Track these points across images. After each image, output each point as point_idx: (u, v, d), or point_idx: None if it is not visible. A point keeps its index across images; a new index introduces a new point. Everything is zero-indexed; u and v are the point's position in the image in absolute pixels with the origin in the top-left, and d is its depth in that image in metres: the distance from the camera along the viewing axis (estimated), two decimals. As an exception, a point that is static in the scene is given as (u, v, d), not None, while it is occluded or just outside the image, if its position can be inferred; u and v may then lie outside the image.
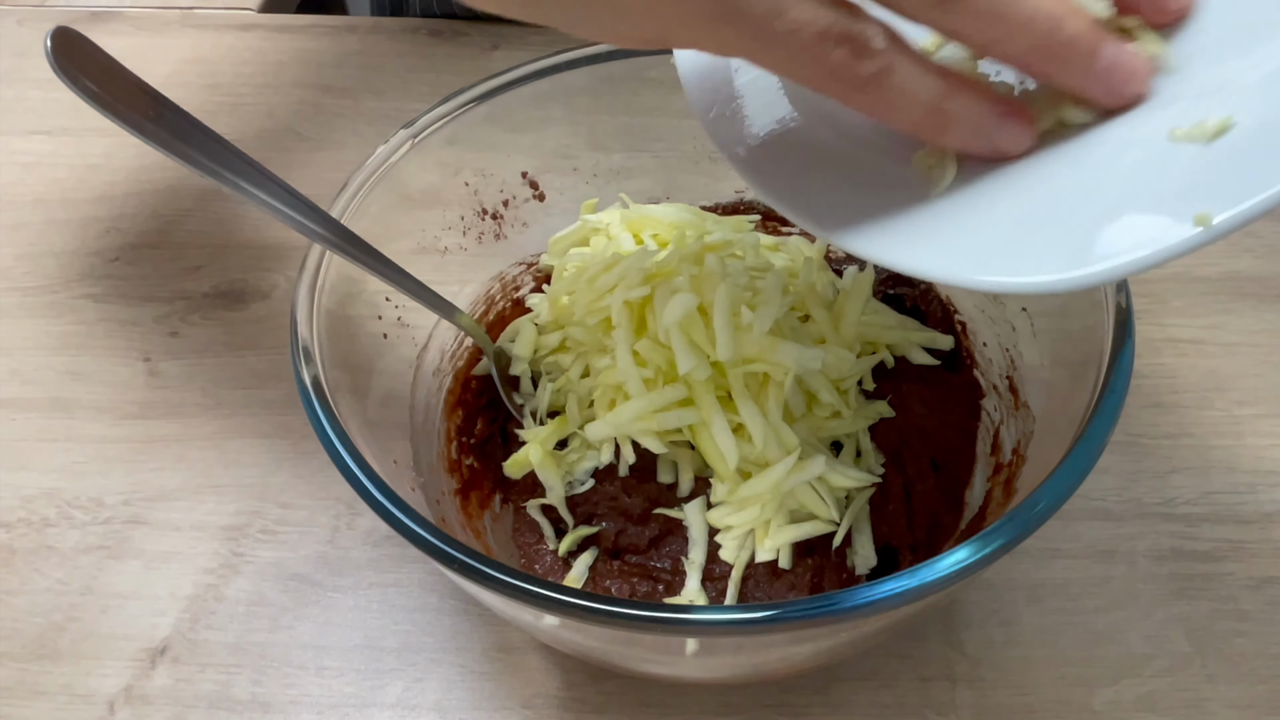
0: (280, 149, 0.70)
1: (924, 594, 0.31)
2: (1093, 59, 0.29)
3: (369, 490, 0.34)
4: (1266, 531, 0.49)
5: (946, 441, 0.48)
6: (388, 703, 0.45)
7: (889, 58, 0.28)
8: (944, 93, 0.29)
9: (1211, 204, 0.26)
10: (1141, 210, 0.28)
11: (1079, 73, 0.29)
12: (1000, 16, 0.28)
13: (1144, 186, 0.28)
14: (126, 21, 0.80)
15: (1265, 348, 0.56)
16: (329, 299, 0.41)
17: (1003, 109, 0.30)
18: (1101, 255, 0.28)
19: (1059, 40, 0.29)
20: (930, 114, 0.30)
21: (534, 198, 0.53)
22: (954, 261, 0.30)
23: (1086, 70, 0.29)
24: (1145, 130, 0.29)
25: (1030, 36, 0.28)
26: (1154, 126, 0.29)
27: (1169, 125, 0.29)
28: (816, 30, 0.28)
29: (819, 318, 0.47)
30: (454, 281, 0.51)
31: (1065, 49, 0.29)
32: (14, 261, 0.64)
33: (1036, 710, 0.44)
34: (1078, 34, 0.29)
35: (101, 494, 0.53)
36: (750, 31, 0.28)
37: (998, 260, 0.30)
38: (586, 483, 0.48)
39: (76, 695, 0.46)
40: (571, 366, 0.48)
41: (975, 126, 0.30)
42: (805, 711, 0.44)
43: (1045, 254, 0.29)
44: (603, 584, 0.46)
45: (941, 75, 0.30)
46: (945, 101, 0.30)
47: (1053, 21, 0.28)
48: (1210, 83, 0.29)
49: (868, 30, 0.28)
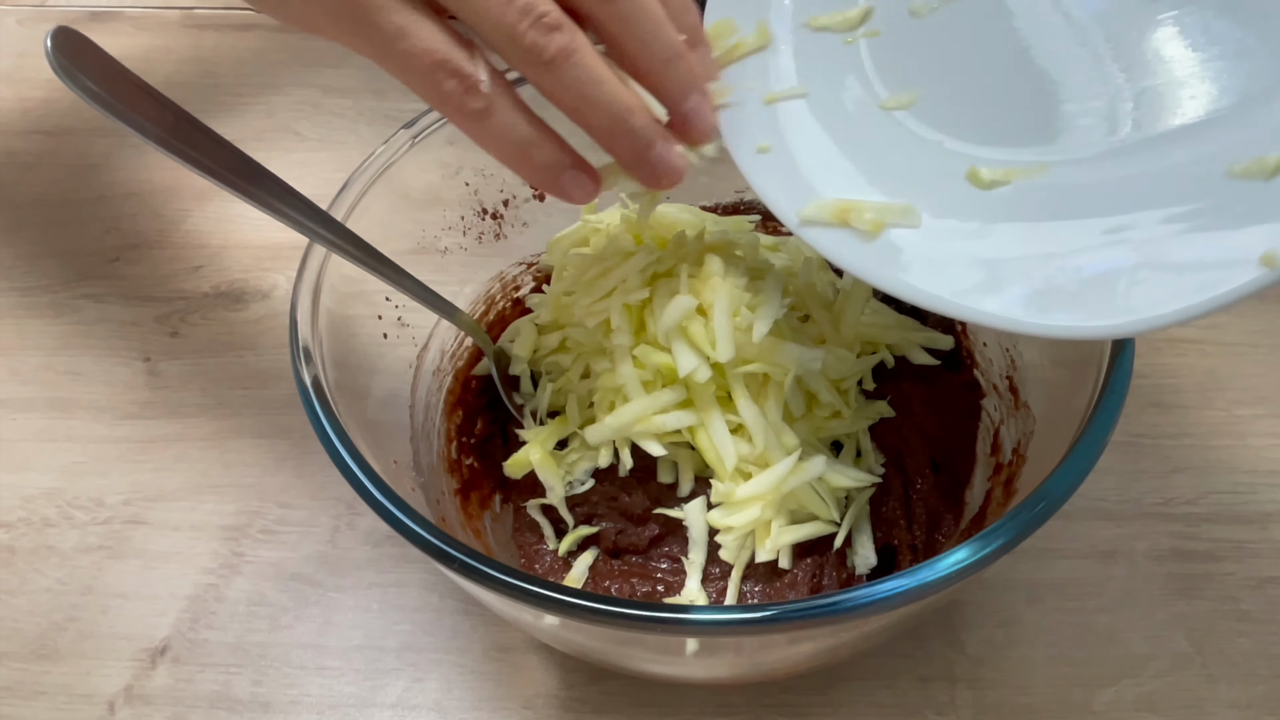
0: (280, 149, 0.70)
1: (924, 594, 0.31)
2: (648, 149, 0.36)
3: (369, 490, 0.34)
4: (1266, 531, 0.49)
5: (946, 441, 0.48)
6: (388, 703, 0.45)
7: (493, 98, 0.34)
8: (531, 140, 0.35)
9: (1277, 244, 0.26)
10: (1209, 251, 0.28)
11: (635, 156, 0.36)
12: (583, 94, 0.34)
13: (1208, 225, 0.28)
14: (126, 21, 0.80)
15: (1265, 348, 0.56)
16: (329, 299, 0.41)
17: (574, 165, 0.37)
18: (1170, 299, 0.28)
19: (625, 126, 0.35)
20: (520, 153, 0.35)
21: (534, 198, 0.53)
22: (1017, 307, 0.31)
23: (641, 156, 0.36)
24: (1200, 163, 0.29)
25: (605, 117, 0.35)
26: (1208, 158, 0.29)
27: (1226, 160, 0.29)
28: (433, 60, 0.33)
29: (819, 318, 0.47)
30: (454, 281, 0.51)
31: (629, 135, 0.35)
32: (14, 261, 0.64)
33: (1036, 710, 0.44)
34: (640, 126, 0.35)
35: (101, 494, 0.53)
36: (378, 45, 0.33)
37: (1064, 303, 0.30)
38: (586, 483, 0.48)
39: (76, 695, 0.46)
40: (571, 367, 0.48)
41: (550, 173, 0.36)
42: (805, 711, 0.44)
43: (1114, 299, 0.29)
44: (603, 584, 0.46)
45: (534, 125, 0.35)
46: (531, 148, 0.35)
47: (623, 111, 0.35)
48: (1265, 121, 0.29)
49: (479, 71, 0.33)
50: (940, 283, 0.32)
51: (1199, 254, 0.28)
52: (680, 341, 0.43)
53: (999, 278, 0.32)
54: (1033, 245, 0.32)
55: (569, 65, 0.33)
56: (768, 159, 0.37)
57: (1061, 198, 0.32)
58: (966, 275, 0.32)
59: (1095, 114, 0.33)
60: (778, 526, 0.43)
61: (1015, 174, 0.33)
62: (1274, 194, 0.27)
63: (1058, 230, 0.32)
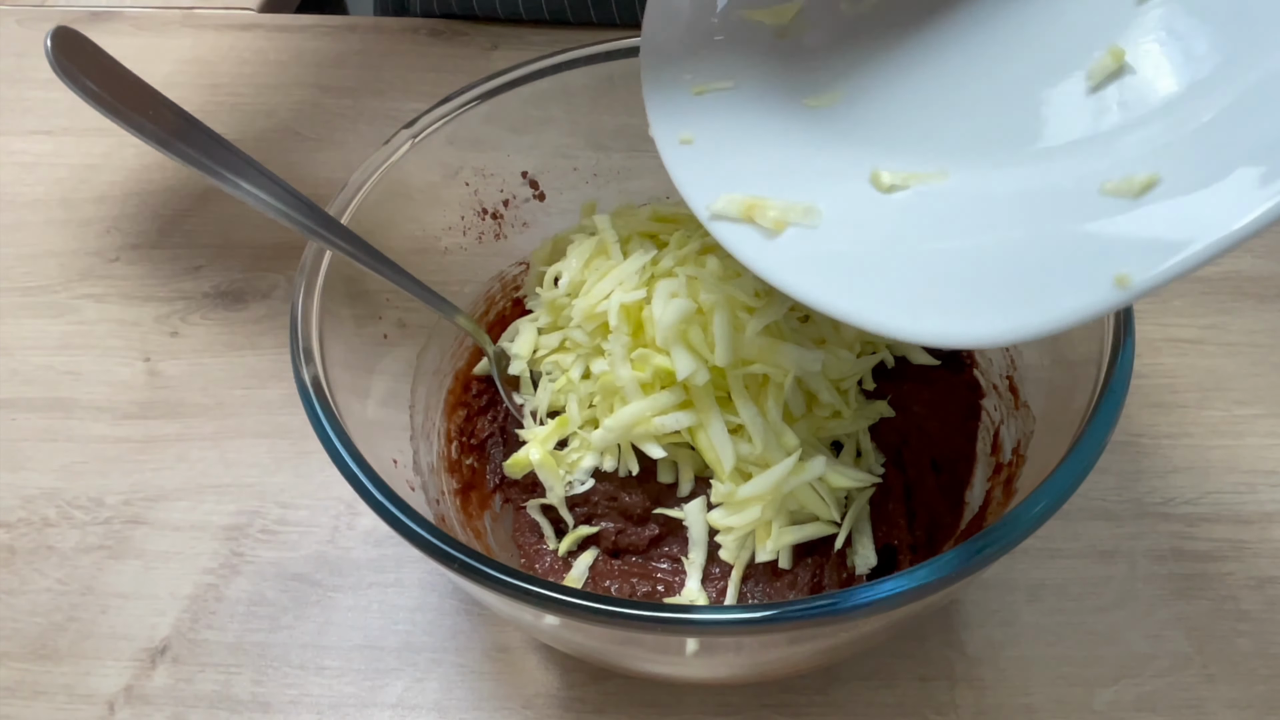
0: (280, 149, 0.70)
1: (924, 594, 0.31)
2: None
3: (369, 490, 0.34)
4: (1266, 531, 0.49)
5: (946, 441, 0.48)
6: (388, 703, 0.45)
7: None
8: None
9: (1131, 266, 0.26)
10: (1068, 267, 0.28)
11: None
12: None
13: (1071, 242, 0.29)
14: (126, 21, 0.80)
15: (1265, 348, 0.56)
16: (329, 299, 0.41)
17: None
18: (1025, 311, 0.28)
19: None
20: None
21: (534, 198, 0.53)
22: (884, 309, 0.31)
23: None
24: (1081, 179, 0.30)
25: None
26: (1090, 175, 0.30)
27: (1102, 176, 0.29)
28: None
29: (819, 318, 0.47)
30: (454, 281, 0.51)
31: None
32: (14, 261, 0.64)
33: (1036, 710, 0.44)
34: None
35: (101, 494, 0.53)
36: None
37: (929, 309, 0.30)
38: (586, 483, 0.48)
39: (76, 695, 0.46)
40: (571, 367, 0.48)
41: None
42: (805, 711, 0.44)
43: (978, 306, 0.29)
44: (603, 584, 0.46)
45: None
46: None
47: None
48: (1150, 131, 0.29)
49: None
50: (824, 283, 0.33)
51: (1064, 268, 0.28)
52: (679, 344, 0.43)
53: (882, 281, 0.32)
54: (918, 251, 0.32)
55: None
56: (689, 150, 0.37)
57: (954, 205, 0.32)
58: (852, 277, 0.33)
59: (1005, 126, 0.33)
60: (778, 527, 0.43)
61: (914, 179, 0.34)
62: (1138, 214, 0.28)
63: (943, 236, 0.32)
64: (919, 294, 0.31)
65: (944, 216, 0.32)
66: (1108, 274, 0.27)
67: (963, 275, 0.30)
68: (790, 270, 0.34)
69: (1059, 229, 0.29)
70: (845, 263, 0.33)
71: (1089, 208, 0.29)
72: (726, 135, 0.37)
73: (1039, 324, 0.28)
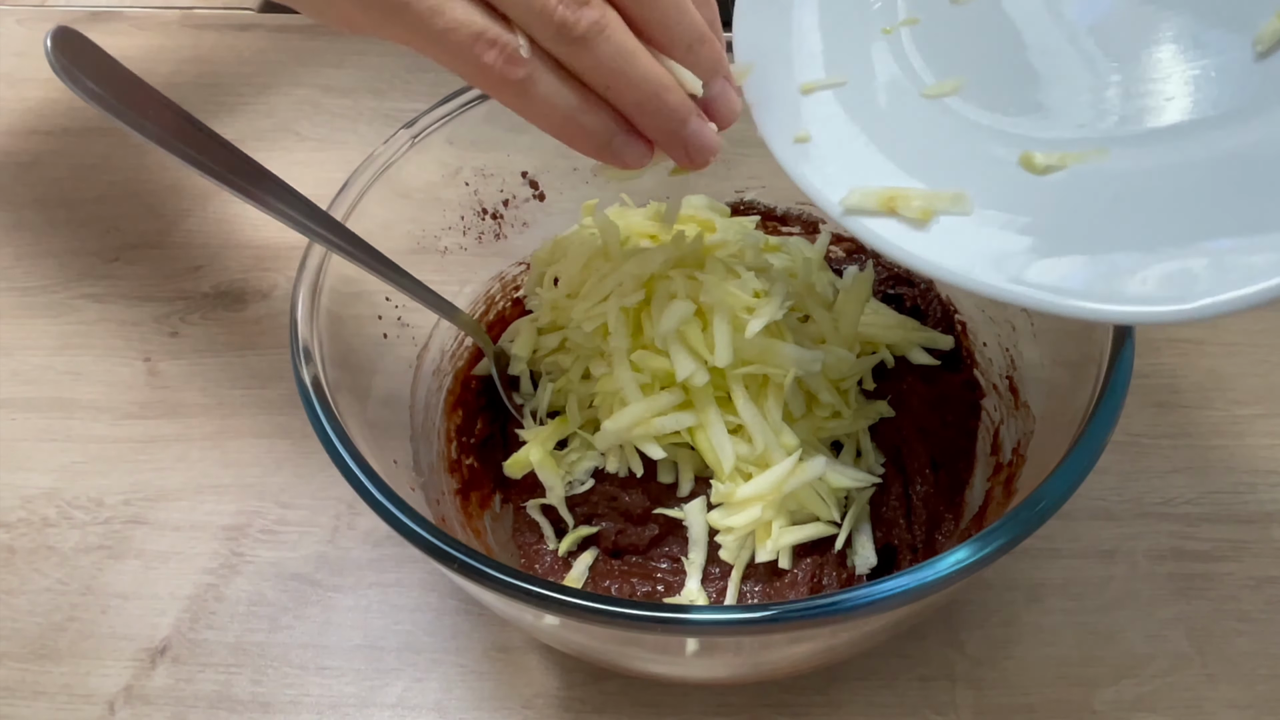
0: (280, 149, 0.70)
1: (924, 594, 0.31)
2: (682, 126, 0.35)
3: (369, 490, 0.34)
4: (1266, 531, 0.49)
5: (946, 441, 0.48)
6: (388, 703, 0.45)
7: (534, 66, 0.33)
8: (579, 106, 0.34)
9: None
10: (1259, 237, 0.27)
11: (668, 134, 0.36)
12: (616, 70, 0.33)
13: (1258, 213, 0.28)
14: (126, 21, 0.80)
15: (1265, 348, 0.56)
16: (329, 299, 0.41)
17: (626, 130, 0.36)
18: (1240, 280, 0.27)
19: (658, 104, 0.35)
20: (567, 121, 0.34)
21: (534, 198, 0.53)
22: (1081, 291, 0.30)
23: (674, 134, 0.36)
24: (1261, 146, 0.29)
25: (638, 94, 0.34)
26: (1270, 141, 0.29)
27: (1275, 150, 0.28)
28: (471, 32, 0.32)
29: (819, 318, 0.47)
30: (454, 281, 0.51)
31: (662, 111, 0.35)
32: (14, 261, 0.64)
33: (1036, 710, 0.44)
34: (674, 103, 0.35)
35: (101, 494, 0.53)
36: (415, 26, 0.32)
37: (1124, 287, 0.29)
38: (586, 483, 0.48)
39: (76, 695, 0.46)
40: (571, 367, 0.48)
41: (603, 139, 0.35)
42: (805, 711, 0.44)
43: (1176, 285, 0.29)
44: (603, 584, 0.46)
45: (579, 92, 0.34)
46: (579, 114, 0.34)
47: (657, 87, 0.34)
48: None
49: (517, 39, 0.33)
50: (1000, 270, 0.32)
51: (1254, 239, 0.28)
52: (678, 346, 0.43)
53: (1066, 263, 0.31)
54: (1095, 230, 0.31)
55: (600, 40, 0.32)
56: (806, 148, 0.37)
57: (1122, 183, 0.31)
58: (1031, 262, 0.31)
59: (1159, 97, 0.32)
60: (778, 527, 0.43)
61: (1071, 159, 0.33)
62: None
63: (1119, 215, 0.31)
64: (1108, 272, 0.30)
65: (1114, 195, 0.31)
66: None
67: (1149, 250, 0.29)
68: (955, 259, 0.33)
69: (1243, 200, 0.28)
70: (1017, 247, 0.32)
71: (1269, 183, 0.28)
72: (846, 131, 0.37)
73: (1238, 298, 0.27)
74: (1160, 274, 0.29)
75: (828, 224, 0.55)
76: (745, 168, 0.55)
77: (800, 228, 0.56)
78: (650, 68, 0.34)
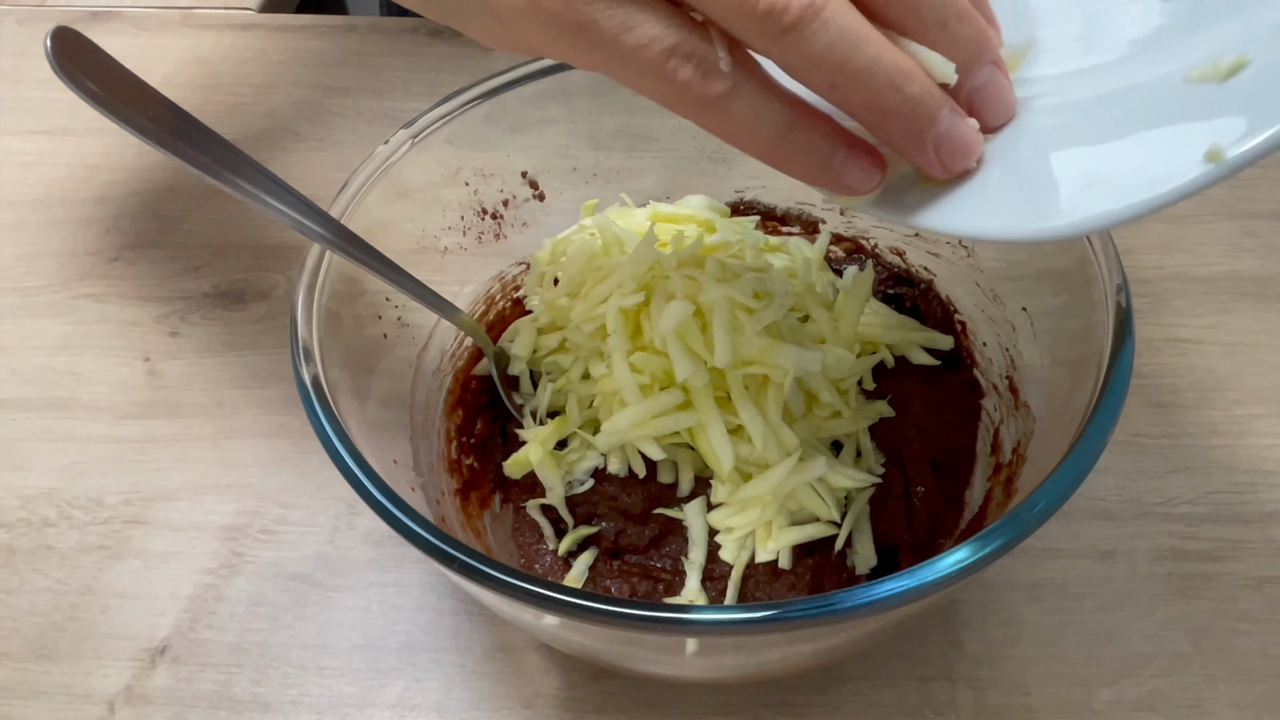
0: (280, 149, 0.70)
1: (924, 594, 0.31)
2: (929, 125, 0.29)
3: (369, 490, 0.34)
4: (1266, 531, 0.49)
5: (946, 441, 0.48)
6: (388, 703, 0.45)
7: (734, 80, 0.28)
8: (790, 123, 0.29)
9: (1223, 139, 0.26)
10: (1154, 149, 0.28)
11: (912, 138, 0.29)
12: (839, 63, 0.27)
13: (1157, 127, 0.28)
14: (126, 21, 0.80)
15: (1265, 348, 0.56)
16: (329, 299, 0.41)
17: (849, 146, 0.30)
18: (1109, 197, 0.27)
19: (897, 99, 0.28)
20: (776, 141, 0.30)
21: (534, 198, 0.53)
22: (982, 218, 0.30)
23: (920, 136, 0.29)
24: (1161, 72, 0.29)
25: (868, 89, 0.28)
26: (1169, 69, 0.29)
27: (1184, 68, 0.28)
28: (664, 47, 0.28)
29: (819, 318, 0.47)
30: (454, 281, 0.51)
31: (902, 109, 0.28)
32: (14, 261, 0.64)
33: (1036, 710, 0.44)
34: (917, 96, 0.28)
35: (101, 494, 0.53)
36: (603, 45, 0.28)
37: (1011, 211, 0.29)
38: (586, 483, 0.48)
39: (76, 695, 0.46)
40: (571, 367, 0.48)
41: (820, 160, 0.30)
42: (805, 711, 0.44)
43: (1056, 201, 0.28)
44: (603, 584, 0.46)
45: (790, 105, 0.29)
46: (790, 131, 0.29)
47: (893, 77, 0.28)
48: (1225, 31, 0.29)
49: (715, 52, 0.28)
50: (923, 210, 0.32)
51: (1148, 155, 0.28)
52: (677, 346, 0.43)
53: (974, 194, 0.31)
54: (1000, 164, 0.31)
55: (817, 27, 0.27)
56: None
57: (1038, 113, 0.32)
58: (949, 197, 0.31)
59: (1077, 33, 0.33)
60: (778, 527, 0.43)
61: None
62: (1225, 95, 0.27)
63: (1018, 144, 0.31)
64: (1002, 196, 0.30)
65: (1016, 130, 0.31)
66: (1198, 151, 0.26)
67: (1048, 175, 0.29)
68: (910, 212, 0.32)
69: (1140, 118, 0.28)
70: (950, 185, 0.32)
71: (1174, 99, 0.28)
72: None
73: (1121, 207, 0.27)
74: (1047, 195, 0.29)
75: (827, 224, 0.55)
76: (745, 168, 0.55)
77: (800, 228, 0.56)
78: (884, 53, 0.28)
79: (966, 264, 0.50)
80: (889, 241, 0.54)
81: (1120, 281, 0.37)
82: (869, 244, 0.55)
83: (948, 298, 0.51)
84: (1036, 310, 0.44)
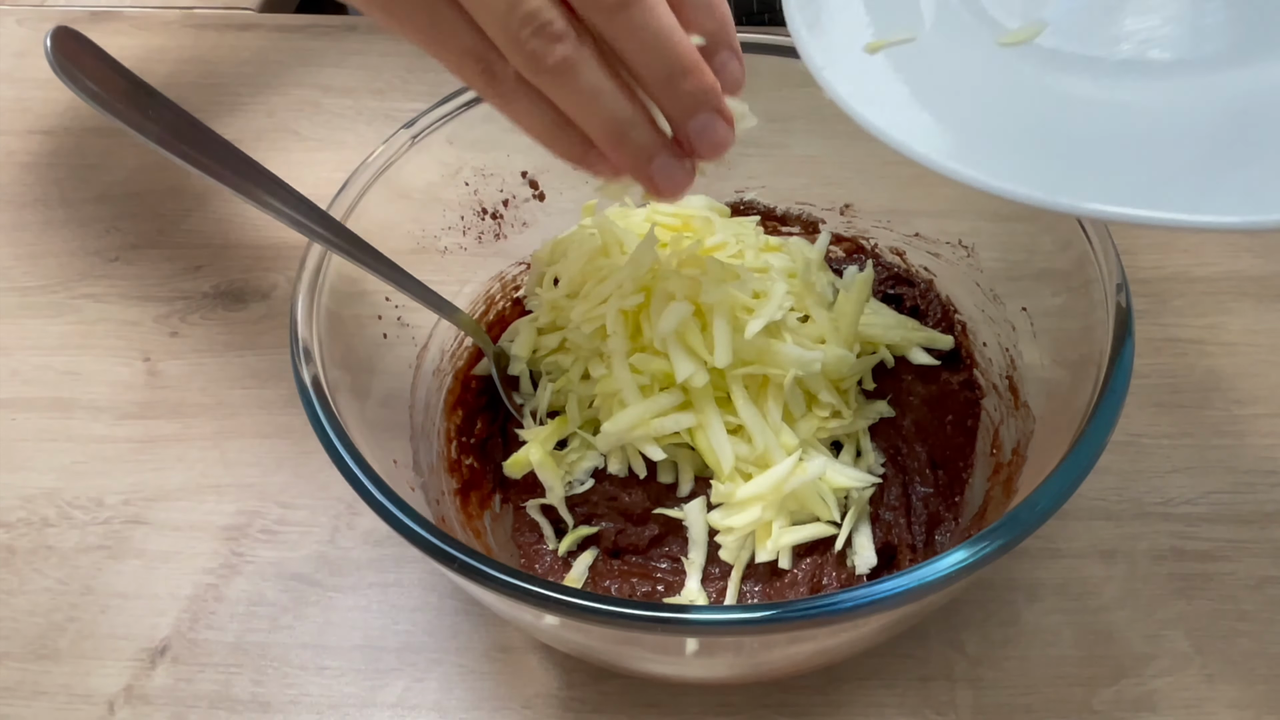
0: (280, 149, 0.70)
1: (924, 594, 0.31)
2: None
3: (369, 490, 0.34)
4: (1266, 531, 0.49)
5: (946, 441, 0.48)
6: (388, 703, 0.45)
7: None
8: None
9: None
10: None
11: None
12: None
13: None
14: (126, 21, 0.80)
15: (1265, 348, 0.56)
16: (329, 299, 0.41)
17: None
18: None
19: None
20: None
21: (534, 198, 0.53)
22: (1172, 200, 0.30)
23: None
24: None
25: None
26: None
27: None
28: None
29: (819, 318, 0.47)
30: (454, 281, 0.51)
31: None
32: (14, 261, 0.64)
33: (1036, 710, 0.44)
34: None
35: (101, 494, 0.53)
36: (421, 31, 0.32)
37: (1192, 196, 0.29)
38: (586, 483, 0.48)
39: (76, 695, 0.46)
40: (571, 367, 0.48)
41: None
42: (805, 711, 0.44)
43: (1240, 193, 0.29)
44: (603, 584, 0.46)
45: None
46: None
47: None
48: None
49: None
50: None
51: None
52: (677, 347, 0.43)
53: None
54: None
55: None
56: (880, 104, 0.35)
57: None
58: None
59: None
60: (778, 527, 0.43)
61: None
62: None
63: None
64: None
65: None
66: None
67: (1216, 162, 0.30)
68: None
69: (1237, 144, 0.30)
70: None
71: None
72: (928, 86, 0.36)
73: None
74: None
75: (827, 224, 0.55)
76: (745, 168, 0.55)
77: (800, 228, 0.56)
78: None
79: (966, 264, 0.50)
80: (889, 241, 0.54)
81: (1120, 281, 0.37)
82: (869, 244, 0.55)
83: (948, 298, 0.51)
84: (1036, 310, 0.44)
